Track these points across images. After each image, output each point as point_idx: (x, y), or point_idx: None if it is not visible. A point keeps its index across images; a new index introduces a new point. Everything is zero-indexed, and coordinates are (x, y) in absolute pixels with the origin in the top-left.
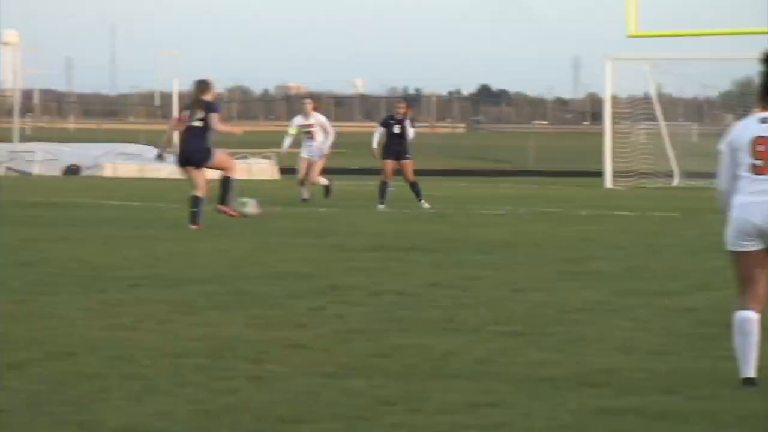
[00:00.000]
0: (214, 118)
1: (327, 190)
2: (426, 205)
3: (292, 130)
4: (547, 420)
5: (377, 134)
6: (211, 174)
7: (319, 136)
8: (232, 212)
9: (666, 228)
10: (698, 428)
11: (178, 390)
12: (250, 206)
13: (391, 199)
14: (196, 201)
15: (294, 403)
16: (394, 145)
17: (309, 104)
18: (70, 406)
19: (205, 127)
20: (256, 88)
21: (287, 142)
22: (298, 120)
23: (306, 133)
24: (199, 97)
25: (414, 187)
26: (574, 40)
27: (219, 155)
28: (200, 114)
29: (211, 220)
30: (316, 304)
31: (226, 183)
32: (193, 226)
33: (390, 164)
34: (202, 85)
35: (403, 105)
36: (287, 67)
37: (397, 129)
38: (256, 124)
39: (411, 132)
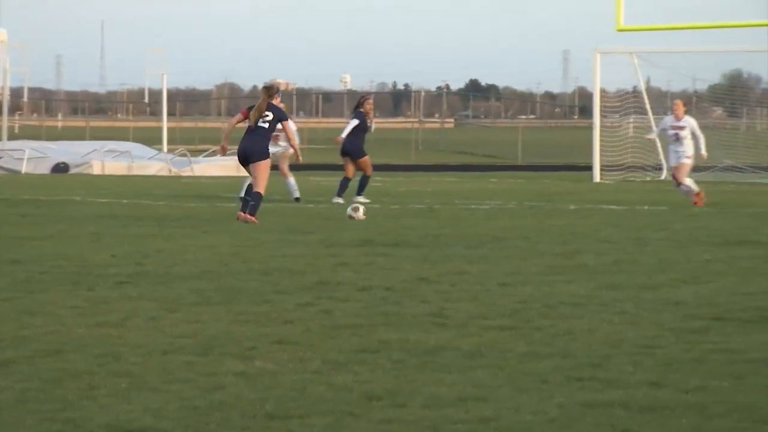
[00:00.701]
0: (286, 126)
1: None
2: (364, 200)
3: None
4: (535, 414)
5: (352, 127)
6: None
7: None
8: (252, 220)
9: (654, 221)
10: (686, 422)
11: (167, 387)
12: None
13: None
14: (254, 195)
15: (282, 399)
16: (363, 142)
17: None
18: (57, 404)
19: (269, 130)
20: (245, 84)
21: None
22: None
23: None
24: (269, 101)
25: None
26: (563, 34)
27: (267, 164)
28: (268, 116)
29: (198, 217)
30: (304, 300)
31: (257, 194)
32: (249, 218)
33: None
34: (271, 90)
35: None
36: (276, 62)
37: (371, 126)
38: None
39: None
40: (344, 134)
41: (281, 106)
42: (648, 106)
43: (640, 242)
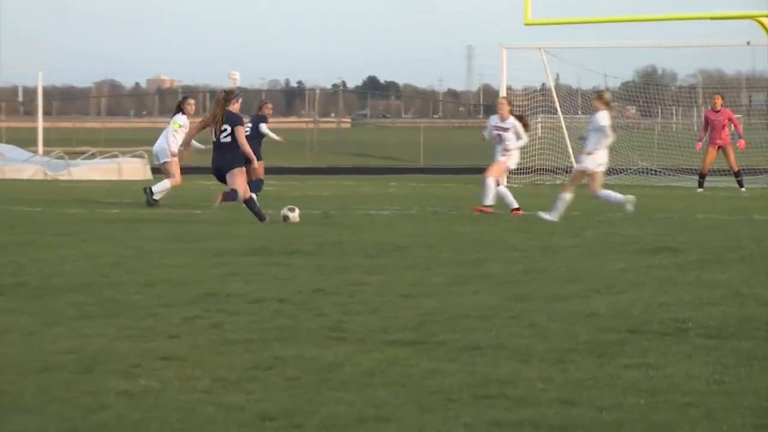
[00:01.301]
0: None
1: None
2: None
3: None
4: None
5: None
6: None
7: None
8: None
9: (565, 228)
10: None
11: (44, 407)
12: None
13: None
14: (247, 203)
15: (168, 420)
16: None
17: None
18: None
19: (233, 143)
20: (127, 81)
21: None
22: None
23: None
24: (226, 109)
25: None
26: (467, 28)
27: (240, 171)
28: (226, 130)
29: (77, 224)
30: (192, 313)
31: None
32: (263, 221)
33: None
34: (230, 96)
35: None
36: (160, 59)
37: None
38: (126, 120)
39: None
40: (271, 136)
41: (236, 107)
42: (557, 105)
43: (551, 250)
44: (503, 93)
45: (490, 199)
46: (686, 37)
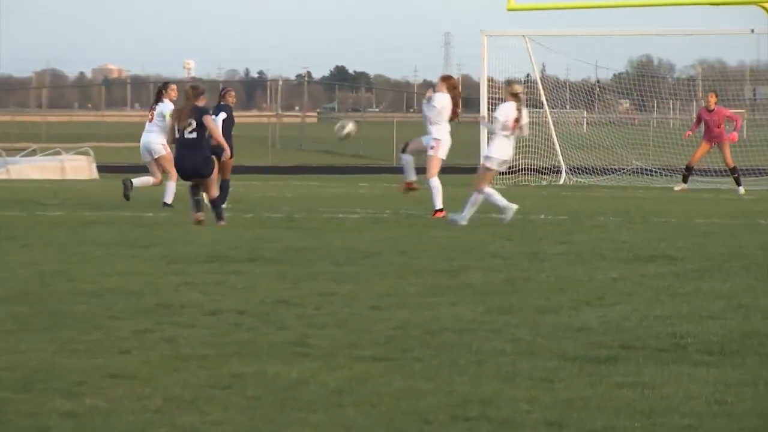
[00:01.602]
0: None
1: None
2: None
3: None
4: None
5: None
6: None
7: None
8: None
9: (552, 233)
10: None
11: None
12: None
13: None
14: (213, 202)
15: None
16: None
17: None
18: None
19: (199, 138)
20: (70, 71)
21: None
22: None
23: None
24: (195, 103)
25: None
26: (444, 13)
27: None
28: (191, 124)
29: (15, 228)
30: (142, 327)
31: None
32: (221, 222)
33: None
34: (197, 91)
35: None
36: (107, 46)
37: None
38: (70, 113)
39: None
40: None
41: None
42: (543, 98)
43: (536, 257)
44: (484, 84)
45: (439, 201)
46: (685, 25)
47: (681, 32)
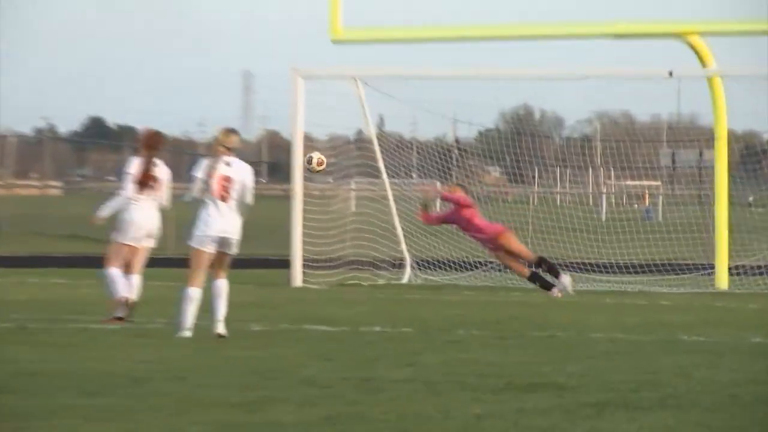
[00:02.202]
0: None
1: None
2: None
3: None
4: None
5: None
6: None
7: None
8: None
9: (394, 351)
10: None
11: None
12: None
13: None
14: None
15: None
16: None
17: None
18: None
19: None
20: None
21: None
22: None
23: None
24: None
25: None
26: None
27: None
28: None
29: None
30: None
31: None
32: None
33: None
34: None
35: None
36: None
37: None
38: None
39: None
40: None
41: None
42: (381, 164)
43: (369, 386)
44: (299, 143)
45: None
46: (579, 64)
47: (573, 74)
